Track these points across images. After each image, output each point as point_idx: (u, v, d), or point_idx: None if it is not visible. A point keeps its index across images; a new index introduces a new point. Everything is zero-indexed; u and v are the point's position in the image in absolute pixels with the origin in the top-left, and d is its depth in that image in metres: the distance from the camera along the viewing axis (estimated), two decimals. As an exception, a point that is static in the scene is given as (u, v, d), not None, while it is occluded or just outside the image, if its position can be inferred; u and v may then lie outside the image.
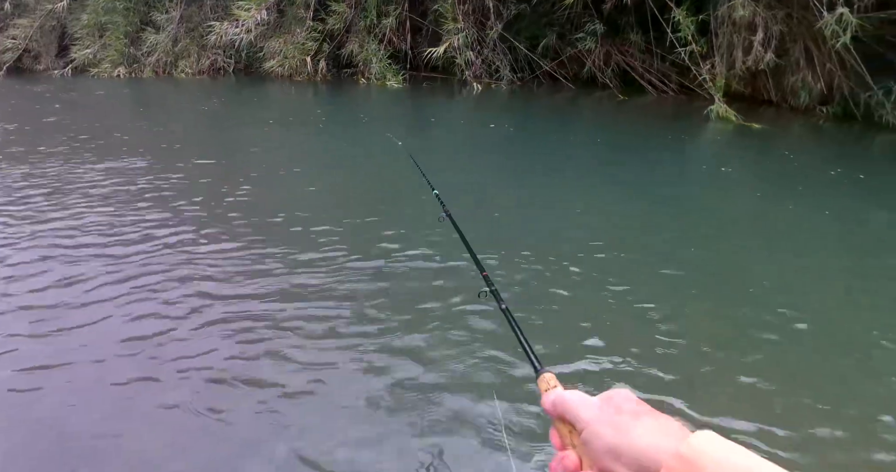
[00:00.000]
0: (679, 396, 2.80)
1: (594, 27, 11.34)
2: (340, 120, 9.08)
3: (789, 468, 0.51)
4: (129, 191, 5.33)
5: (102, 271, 3.83)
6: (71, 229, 4.52)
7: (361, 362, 2.97)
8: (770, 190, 6.42)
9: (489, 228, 4.83)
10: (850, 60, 9.56)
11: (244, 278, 3.77)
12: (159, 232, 4.43)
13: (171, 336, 3.14)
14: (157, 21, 11.53)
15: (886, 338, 3.34)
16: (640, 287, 3.85)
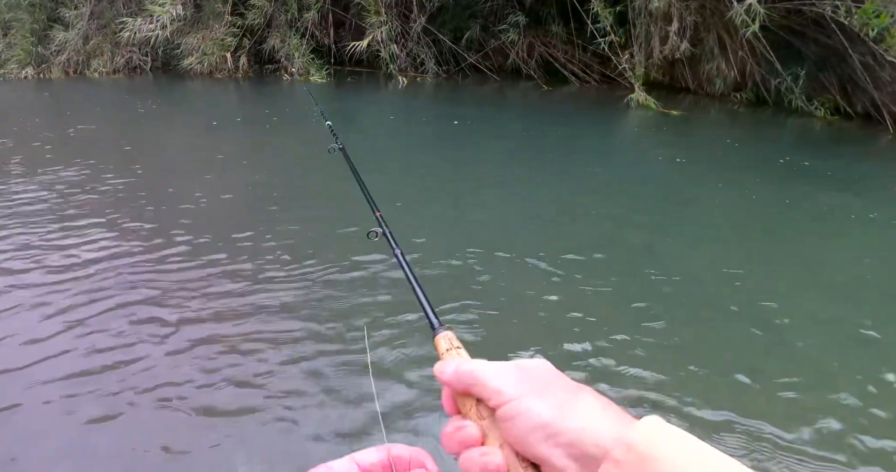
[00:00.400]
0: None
1: (517, 19, 11.41)
2: (259, 118, 8.91)
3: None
4: (58, 205, 4.98)
5: (34, 301, 3.50)
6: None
7: (323, 385, 2.87)
8: (685, 170, 6.64)
9: (417, 220, 4.85)
10: (760, 48, 9.87)
11: (189, 299, 3.56)
12: (85, 253, 4.15)
13: (119, 370, 2.92)
14: (66, 18, 11.02)
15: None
16: (552, 264, 3.99)
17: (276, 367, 2.93)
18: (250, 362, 2.97)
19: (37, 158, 6.17)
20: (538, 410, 0.52)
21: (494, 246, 4.24)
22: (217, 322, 3.30)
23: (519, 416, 0.53)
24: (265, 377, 2.85)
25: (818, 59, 9.84)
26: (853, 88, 9.64)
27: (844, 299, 3.77)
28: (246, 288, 3.65)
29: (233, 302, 3.50)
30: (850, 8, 8.86)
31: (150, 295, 3.54)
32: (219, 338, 3.15)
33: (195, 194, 5.22)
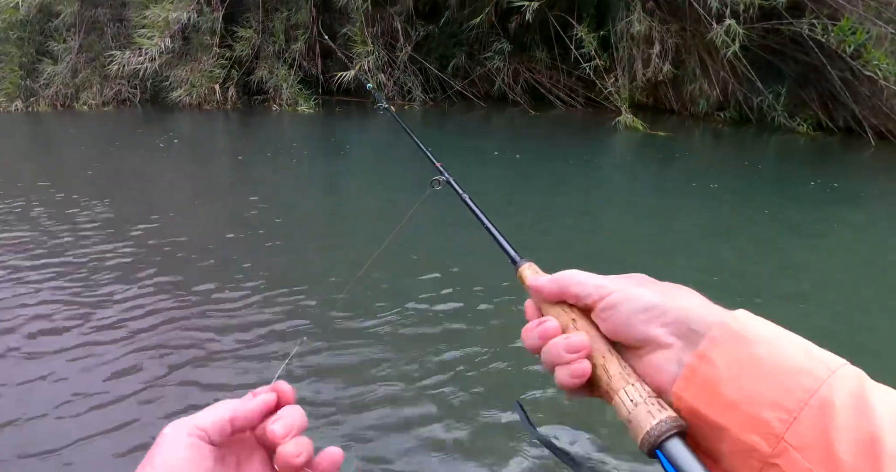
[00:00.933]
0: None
1: (501, 46, 11.61)
2: (252, 149, 8.95)
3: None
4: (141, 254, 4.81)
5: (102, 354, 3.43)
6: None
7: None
8: (674, 187, 6.71)
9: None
10: (741, 68, 10.08)
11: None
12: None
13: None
14: (55, 51, 11.08)
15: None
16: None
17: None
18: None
19: (88, 192, 6.16)
20: (643, 295, 0.55)
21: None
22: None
23: (624, 302, 0.56)
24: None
25: (798, 76, 10.07)
26: (834, 103, 9.85)
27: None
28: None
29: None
30: (826, 26, 9.11)
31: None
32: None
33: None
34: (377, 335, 3.50)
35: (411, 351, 3.34)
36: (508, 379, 3.12)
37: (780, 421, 0.45)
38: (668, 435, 0.49)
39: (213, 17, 11.31)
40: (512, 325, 3.52)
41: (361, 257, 4.32)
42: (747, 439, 0.46)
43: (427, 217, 4.97)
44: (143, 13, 10.83)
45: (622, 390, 0.53)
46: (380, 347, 3.38)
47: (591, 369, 0.56)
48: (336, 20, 11.93)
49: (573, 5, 11.16)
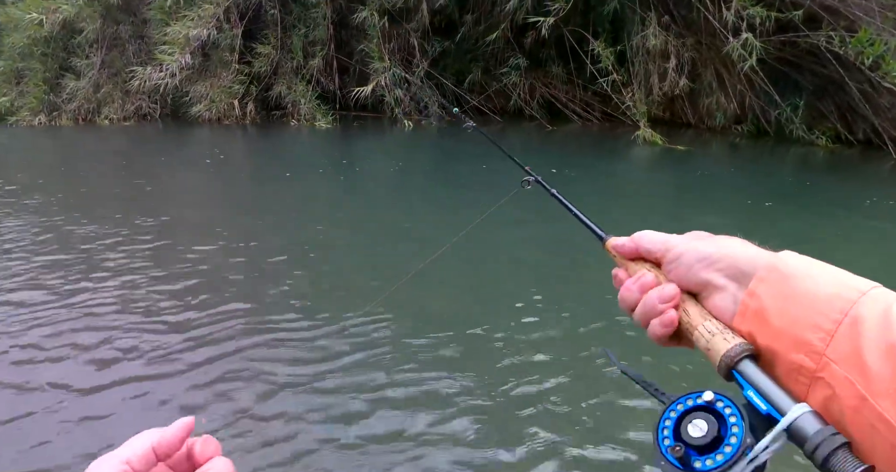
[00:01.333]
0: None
1: (517, 61, 11.68)
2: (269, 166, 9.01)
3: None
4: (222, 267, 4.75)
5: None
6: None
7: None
8: (726, 204, 6.68)
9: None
10: (758, 81, 10.05)
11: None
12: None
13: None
14: (77, 67, 11.32)
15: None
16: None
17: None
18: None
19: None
20: (700, 246, 0.64)
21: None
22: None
23: (685, 253, 0.65)
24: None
25: (816, 88, 10.02)
26: (853, 115, 9.78)
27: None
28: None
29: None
30: (843, 38, 9.07)
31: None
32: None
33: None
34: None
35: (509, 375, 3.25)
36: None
37: (820, 340, 0.52)
38: (741, 357, 0.58)
39: (233, 34, 11.50)
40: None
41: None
42: (795, 358, 0.54)
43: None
44: (163, 30, 11.02)
45: (700, 326, 0.62)
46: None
47: (678, 317, 0.64)
48: (353, 37, 12.07)
49: (588, 21, 11.22)
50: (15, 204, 6.09)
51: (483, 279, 4.54)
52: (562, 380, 3.15)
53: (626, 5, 10.76)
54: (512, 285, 4.44)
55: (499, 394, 3.02)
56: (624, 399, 2.96)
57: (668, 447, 0.57)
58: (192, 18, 11.03)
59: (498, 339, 3.55)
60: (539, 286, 4.31)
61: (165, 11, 11.21)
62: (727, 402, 0.57)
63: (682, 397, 0.60)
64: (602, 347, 3.41)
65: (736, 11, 9.56)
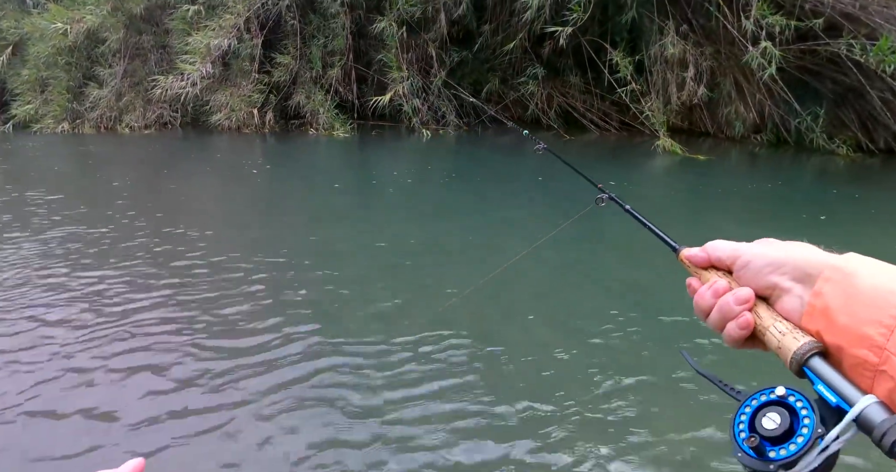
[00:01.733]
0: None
1: (535, 71, 11.71)
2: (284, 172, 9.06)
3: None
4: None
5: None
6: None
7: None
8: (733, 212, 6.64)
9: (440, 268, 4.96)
10: (777, 90, 9.99)
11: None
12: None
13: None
14: (100, 76, 11.52)
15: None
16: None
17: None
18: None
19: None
20: (767, 251, 0.68)
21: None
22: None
23: (754, 259, 0.68)
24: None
25: (836, 97, 9.94)
26: (874, 124, 9.69)
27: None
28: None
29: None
30: (864, 46, 9.01)
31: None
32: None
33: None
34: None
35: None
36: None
37: (881, 335, 0.55)
38: (811, 354, 0.61)
39: (253, 44, 11.65)
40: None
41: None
42: (859, 353, 0.57)
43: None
44: (185, 40, 11.20)
45: (771, 327, 0.65)
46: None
47: (753, 319, 0.67)
48: (371, 47, 12.18)
49: (606, 30, 11.24)
50: (58, 215, 6.11)
51: (551, 292, 4.46)
52: (641, 379, 3.15)
53: (643, 14, 10.76)
54: (582, 299, 4.35)
55: (585, 409, 2.95)
56: (700, 397, 2.98)
57: (743, 439, 0.60)
58: (213, 28, 11.21)
59: (576, 358, 3.44)
60: (613, 300, 4.25)
61: (187, 22, 11.40)
62: (798, 396, 0.60)
63: (755, 393, 0.63)
64: (679, 348, 3.40)
65: (755, 20, 9.54)
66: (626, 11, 10.66)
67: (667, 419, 2.87)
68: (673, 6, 10.61)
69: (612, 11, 11.06)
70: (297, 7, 11.85)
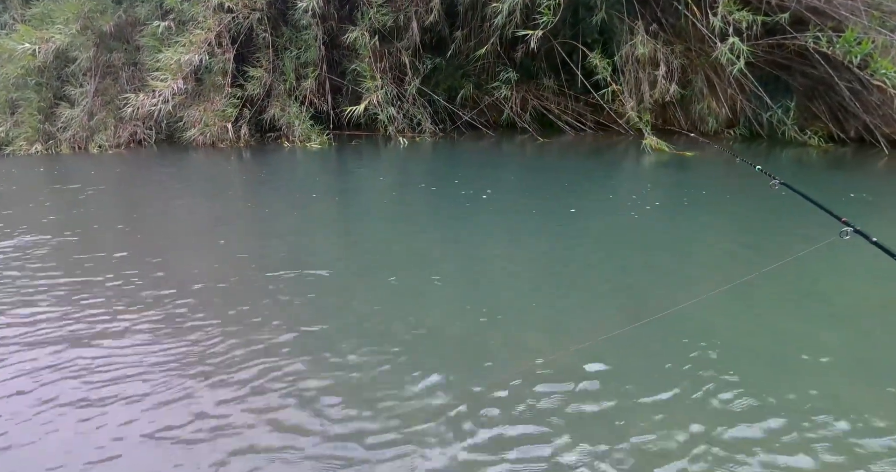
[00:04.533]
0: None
1: (508, 75, 11.73)
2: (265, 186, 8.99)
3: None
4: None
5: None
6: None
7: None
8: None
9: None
10: (748, 85, 10.09)
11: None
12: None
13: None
14: (72, 95, 11.41)
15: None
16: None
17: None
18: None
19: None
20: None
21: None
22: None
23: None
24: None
25: (806, 89, 10.05)
26: (844, 114, 9.79)
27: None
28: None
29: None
30: (831, 38, 9.12)
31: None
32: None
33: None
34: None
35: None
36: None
37: None
38: None
39: (225, 58, 11.57)
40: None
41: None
42: None
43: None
44: (156, 57, 11.10)
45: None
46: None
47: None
48: (345, 57, 12.16)
49: (578, 32, 11.30)
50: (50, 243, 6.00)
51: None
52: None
53: (613, 15, 10.83)
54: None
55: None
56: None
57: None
58: (183, 44, 11.12)
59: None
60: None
61: (158, 38, 11.32)
62: None
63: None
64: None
65: (722, 17, 9.64)
66: (595, 13, 10.72)
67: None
68: (642, 6, 10.69)
69: (583, 13, 11.13)
70: (268, 20, 11.81)
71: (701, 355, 3.30)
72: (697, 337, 3.48)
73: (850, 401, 2.94)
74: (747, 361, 3.27)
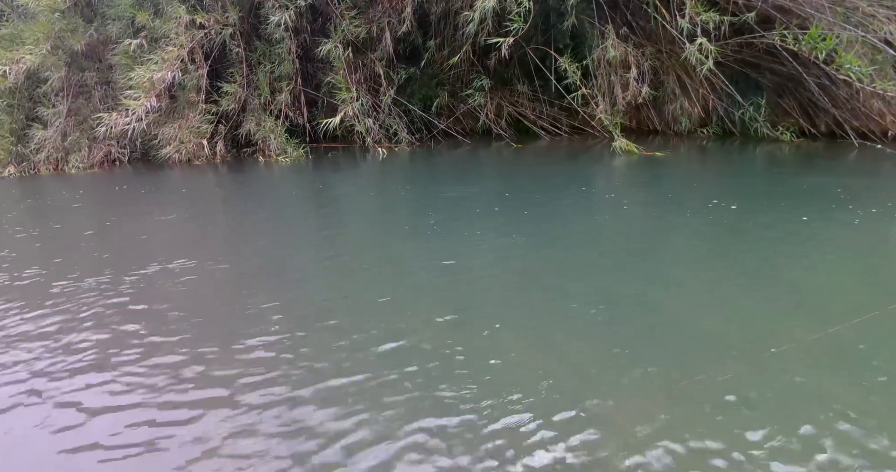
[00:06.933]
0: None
1: (481, 83, 11.79)
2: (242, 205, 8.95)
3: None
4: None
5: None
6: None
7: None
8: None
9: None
10: (719, 84, 10.21)
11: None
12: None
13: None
14: (44, 116, 11.32)
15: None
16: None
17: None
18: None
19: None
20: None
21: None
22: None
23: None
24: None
25: (776, 86, 10.18)
26: (814, 109, 9.93)
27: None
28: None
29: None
30: (797, 35, 9.25)
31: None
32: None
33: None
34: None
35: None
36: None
37: None
38: None
39: (198, 74, 11.55)
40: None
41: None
42: None
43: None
44: (128, 75, 11.05)
45: None
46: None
47: None
48: (319, 69, 12.19)
49: (550, 38, 11.39)
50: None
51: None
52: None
53: (584, 20, 10.94)
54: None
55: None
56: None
57: None
58: (156, 61, 11.08)
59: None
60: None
61: (130, 56, 11.27)
62: None
63: None
64: None
65: (690, 18, 9.75)
66: (566, 18, 10.81)
67: None
68: (613, 10, 10.81)
69: (554, 19, 11.23)
70: (240, 35, 11.82)
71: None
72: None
73: None
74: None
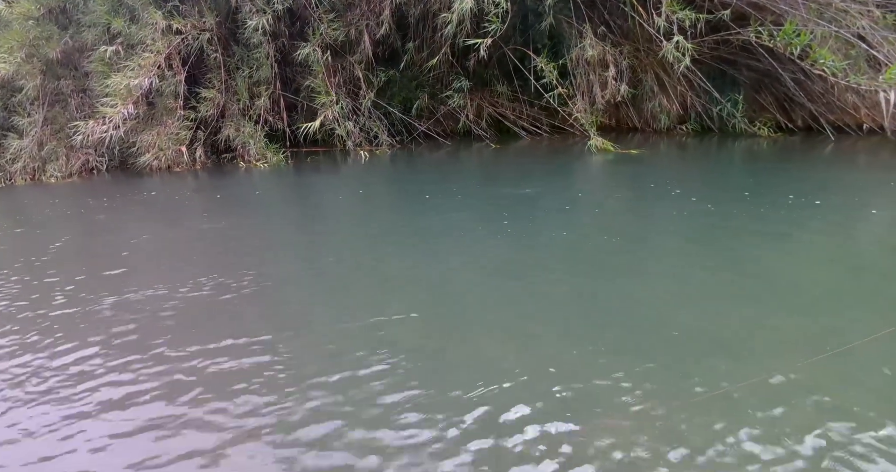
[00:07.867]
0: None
1: (461, 84, 11.80)
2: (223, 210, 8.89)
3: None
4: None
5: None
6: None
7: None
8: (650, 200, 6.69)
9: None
10: (696, 81, 10.28)
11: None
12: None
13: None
14: (20, 125, 11.19)
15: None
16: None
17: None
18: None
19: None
20: None
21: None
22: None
23: None
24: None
25: (753, 82, 10.28)
26: (790, 104, 10.04)
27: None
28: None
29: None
30: (772, 31, 9.34)
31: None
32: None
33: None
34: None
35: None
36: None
37: None
38: None
39: (176, 80, 11.45)
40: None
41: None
42: None
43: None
44: (104, 82, 10.94)
45: None
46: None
47: None
48: (298, 73, 12.13)
49: (528, 38, 11.42)
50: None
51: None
52: None
53: (562, 20, 10.98)
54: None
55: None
56: None
57: None
58: (132, 68, 10.99)
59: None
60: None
61: (106, 63, 11.15)
62: None
63: None
64: None
65: (666, 16, 9.82)
66: (544, 18, 10.85)
67: None
68: (590, 9, 10.85)
69: (532, 20, 11.27)
70: (218, 40, 11.75)
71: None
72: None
73: None
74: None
